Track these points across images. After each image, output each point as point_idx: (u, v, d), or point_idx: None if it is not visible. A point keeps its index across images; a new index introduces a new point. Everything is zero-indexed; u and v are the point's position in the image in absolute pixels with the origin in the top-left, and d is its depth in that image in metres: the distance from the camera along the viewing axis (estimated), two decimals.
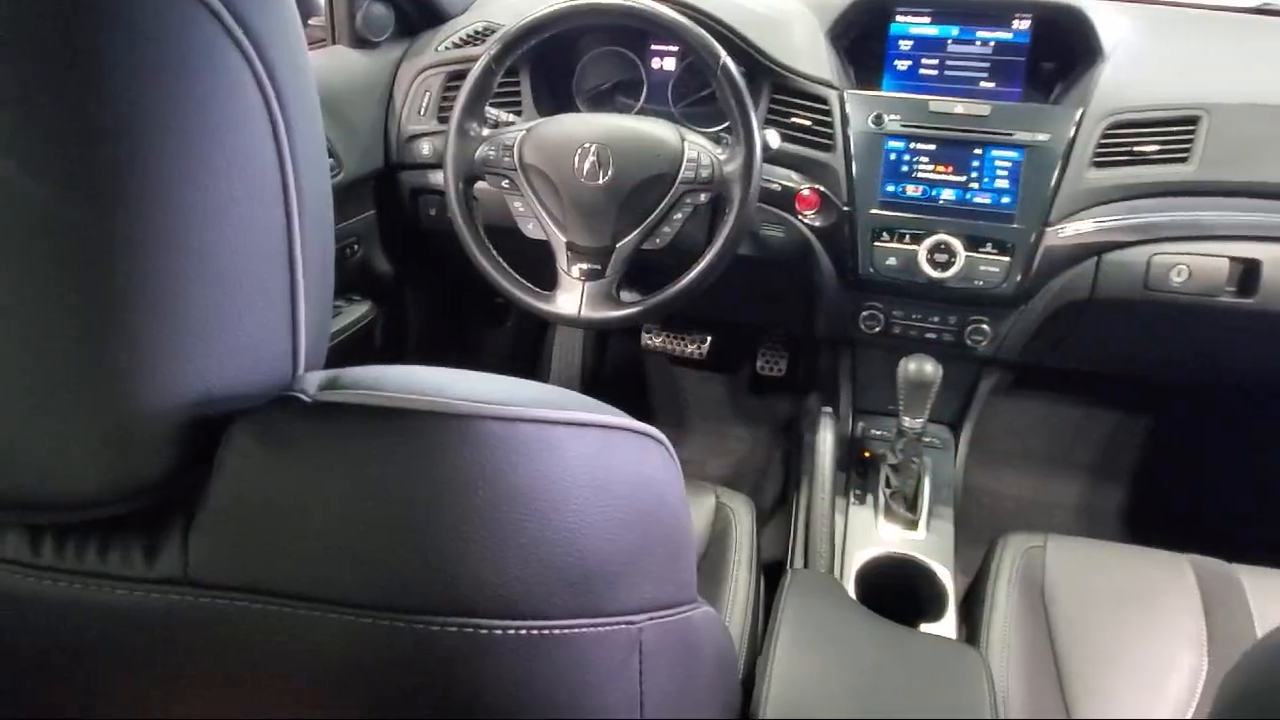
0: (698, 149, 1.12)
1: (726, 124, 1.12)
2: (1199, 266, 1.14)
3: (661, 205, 1.13)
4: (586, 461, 0.39)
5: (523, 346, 1.87)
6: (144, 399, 0.33)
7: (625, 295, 1.18)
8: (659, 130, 1.13)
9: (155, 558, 0.36)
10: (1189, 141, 1.14)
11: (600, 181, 1.12)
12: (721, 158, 1.12)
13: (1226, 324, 1.19)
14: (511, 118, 1.27)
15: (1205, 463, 1.67)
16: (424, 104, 1.37)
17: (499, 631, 0.36)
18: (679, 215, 1.14)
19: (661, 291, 1.14)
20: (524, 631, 0.36)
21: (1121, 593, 1.00)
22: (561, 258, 1.17)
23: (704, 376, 1.88)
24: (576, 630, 0.38)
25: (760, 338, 1.78)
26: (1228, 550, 1.03)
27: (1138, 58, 1.19)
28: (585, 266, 1.17)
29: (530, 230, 1.20)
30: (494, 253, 1.20)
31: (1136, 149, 1.15)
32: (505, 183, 1.18)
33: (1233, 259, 1.14)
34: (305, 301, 0.40)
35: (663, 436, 0.47)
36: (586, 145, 1.12)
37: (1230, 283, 1.15)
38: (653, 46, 1.40)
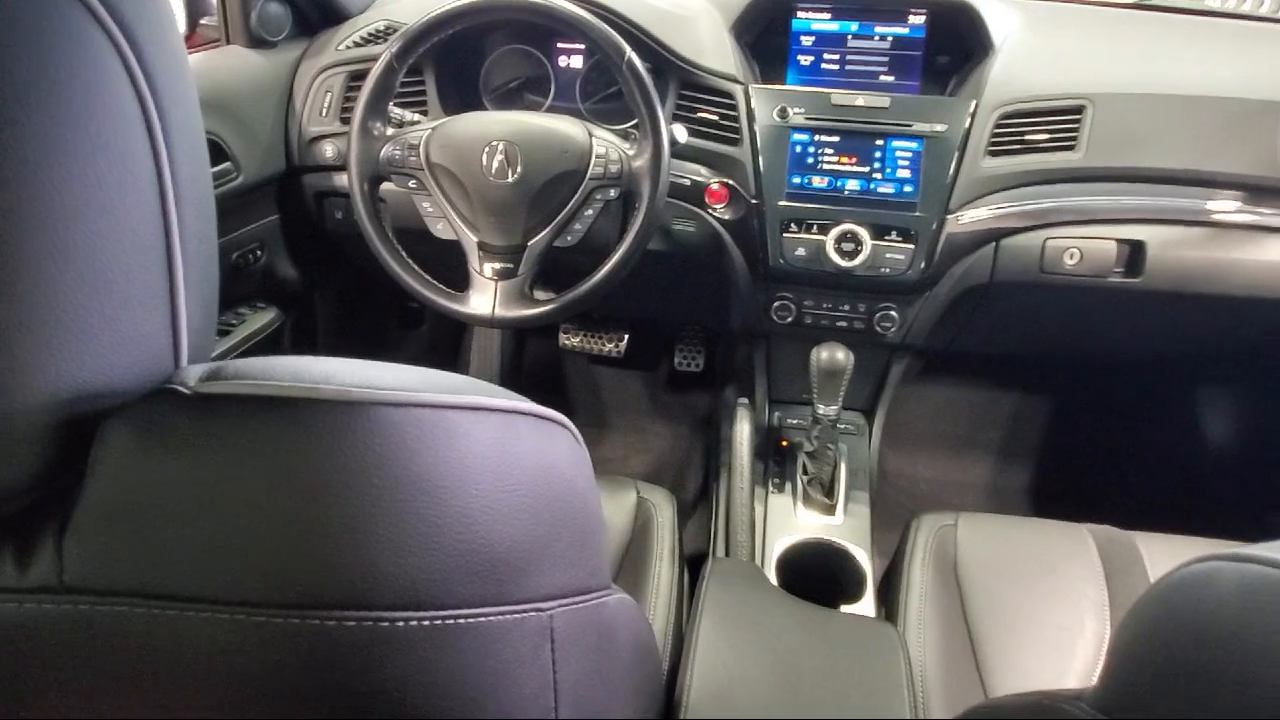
0: (606, 145, 1.12)
1: (635, 120, 1.13)
2: (1089, 249, 1.19)
3: (572, 202, 1.13)
4: (488, 446, 0.38)
5: (439, 350, 1.84)
6: (9, 397, 0.32)
7: (539, 293, 1.17)
8: (567, 127, 1.13)
9: (28, 565, 0.34)
10: (1075, 130, 1.19)
11: (509, 180, 1.11)
12: (630, 153, 1.12)
13: (1116, 303, 1.25)
14: (417, 117, 1.25)
15: (1102, 437, 1.75)
16: (325, 105, 1.33)
17: (400, 623, 0.35)
18: (589, 212, 1.14)
19: (575, 288, 1.14)
20: (427, 622, 0.35)
21: (1028, 565, 1.03)
22: (473, 257, 1.16)
23: (623, 374, 1.89)
24: (484, 619, 0.38)
25: (677, 334, 1.79)
26: (1125, 518, 1.08)
27: (1026, 51, 1.24)
28: (498, 266, 1.15)
29: (440, 231, 1.18)
30: (403, 254, 1.17)
31: (1027, 138, 1.19)
32: (412, 183, 1.16)
33: (1120, 241, 1.19)
34: (187, 295, 0.38)
35: (568, 422, 0.46)
36: (494, 143, 1.11)
37: (1119, 264, 1.20)
38: (559, 44, 1.39)
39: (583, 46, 1.37)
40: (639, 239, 1.11)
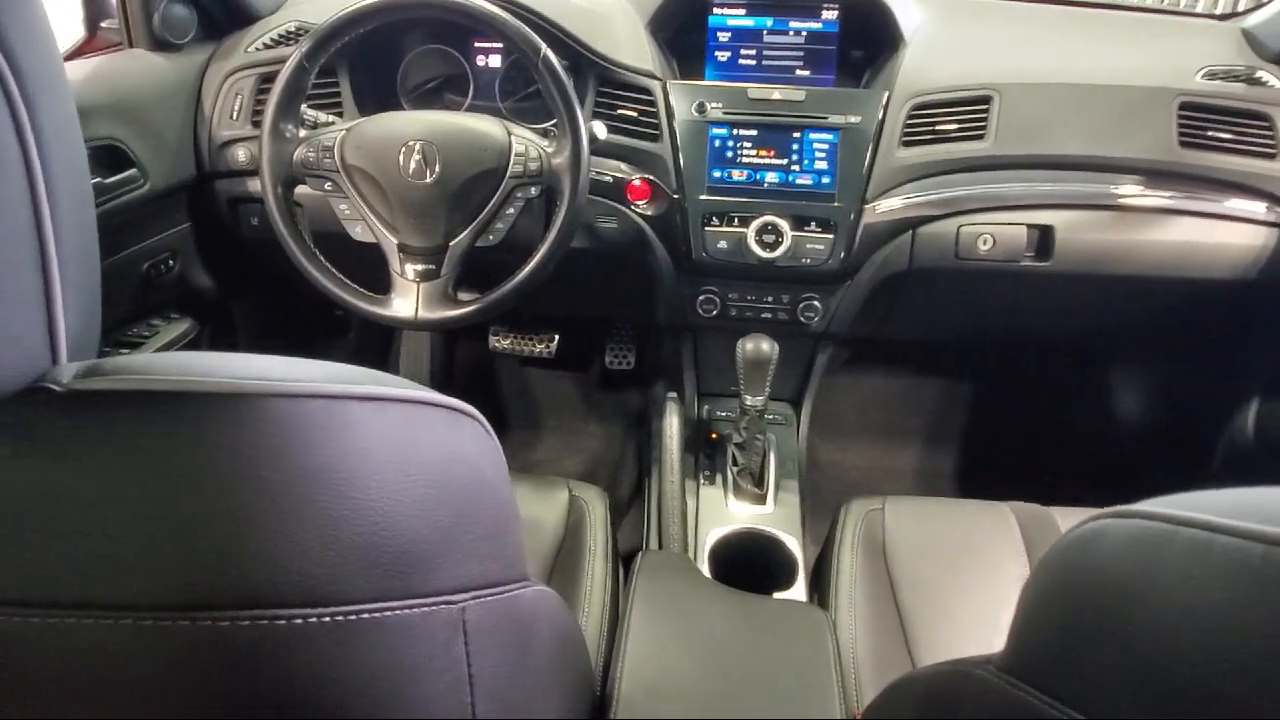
0: (525, 143, 1.11)
1: (555, 119, 1.12)
2: (1002, 235, 1.23)
3: (492, 201, 1.12)
4: (388, 437, 0.38)
5: (367, 356, 1.81)
6: None
7: (463, 294, 1.16)
8: (484, 126, 1.12)
9: None
10: (984, 120, 1.22)
11: (427, 180, 1.09)
12: (549, 151, 1.11)
13: (1029, 286, 1.29)
14: (331, 118, 1.23)
15: (1024, 417, 1.80)
16: (236, 108, 1.30)
17: (299, 621, 0.34)
18: (511, 210, 1.13)
19: (499, 288, 1.13)
20: (328, 619, 0.35)
21: (954, 544, 1.06)
22: (394, 260, 1.14)
23: (555, 375, 1.88)
24: (390, 613, 0.37)
25: (608, 332, 1.79)
26: (1046, 494, 1.11)
27: (935, 43, 1.27)
28: (419, 267, 1.14)
29: (359, 233, 1.16)
30: (321, 259, 1.15)
31: (939, 128, 1.22)
32: (328, 185, 1.14)
33: (1030, 226, 1.23)
34: (65, 293, 0.36)
35: (477, 413, 0.46)
36: (411, 143, 1.10)
37: (1029, 248, 1.24)
38: (477, 43, 1.38)
39: (501, 45, 1.36)
40: (561, 237, 1.11)
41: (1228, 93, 1.22)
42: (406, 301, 1.13)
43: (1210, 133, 1.21)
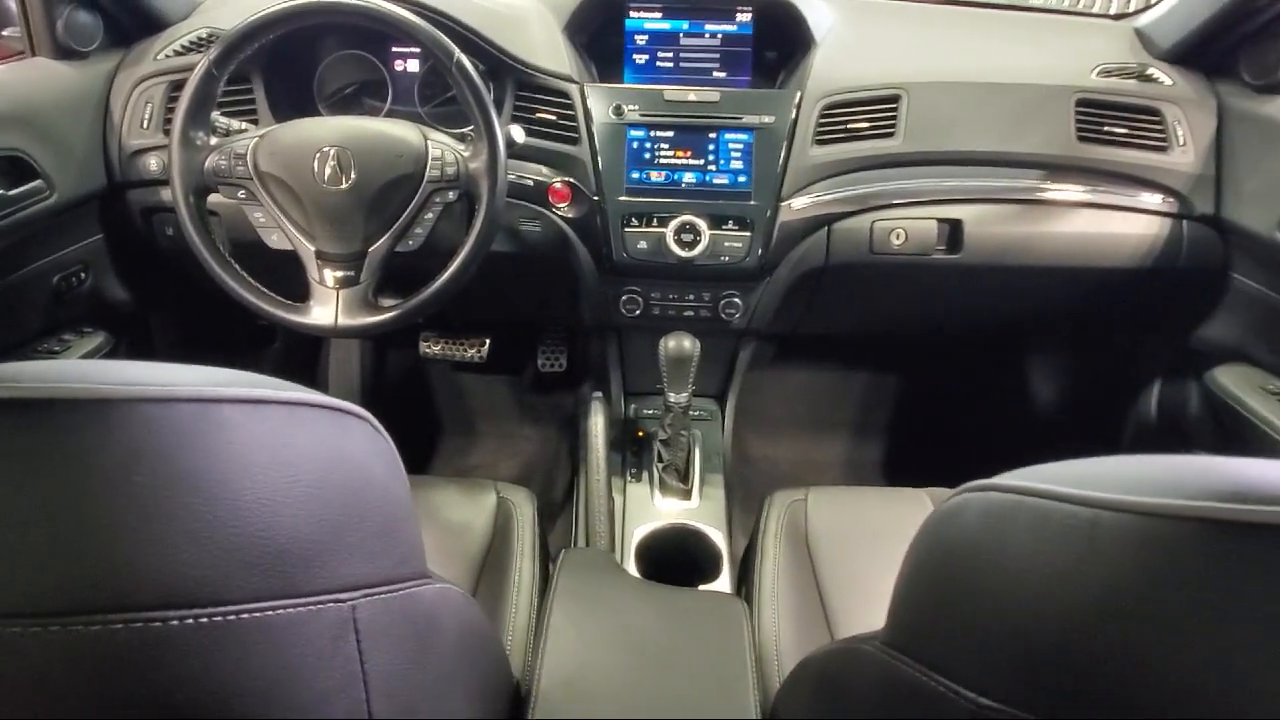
0: (441, 147, 1.11)
1: None
2: (913, 229, 1.27)
3: (410, 206, 1.12)
4: (265, 439, 0.38)
5: (294, 366, 1.79)
6: None
7: (384, 300, 1.16)
8: (400, 131, 1.12)
9: None
10: (894, 118, 1.26)
11: (343, 186, 1.09)
12: (466, 155, 1.12)
13: (942, 278, 1.33)
14: (245, 125, 1.21)
15: (944, 406, 1.85)
16: (146, 116, 1.28)
17: (175, 623, 0.34)
18: (430, 215, 1.13)
19: (420, 293, 1.13)
20: (204, 620, 0.35)
21: (873, 531, 1.09)
22: (312, 267, 1.13)
23: (487, 380, 1.88)
24: (272, 613, 0.37)
25: (539, 335, 1.80)
26: (963, 479, 1.15)
27: (845, 44, 1.31)
28: (339, 274, 1.13)
29: (275, 241, 1.15)
30: (236, 268, 1.13)
31: (850, 126, 1.26)
32: (241, 193, 1.12)
33: (940, 220, 1.27)
34: None
35: (366, 413, 0.46)
36: (326, 149, 1.09)
37: (940, 241, 1.28)
38: (394, 48, 1.38)
39: (418, 50, 1.36)
40: (481, 240, 1.11)
41: (1121, 89, 1.27)
42: (326, 309, 1.13)
43: (1106, 128, 1.26)
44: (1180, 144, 1.26)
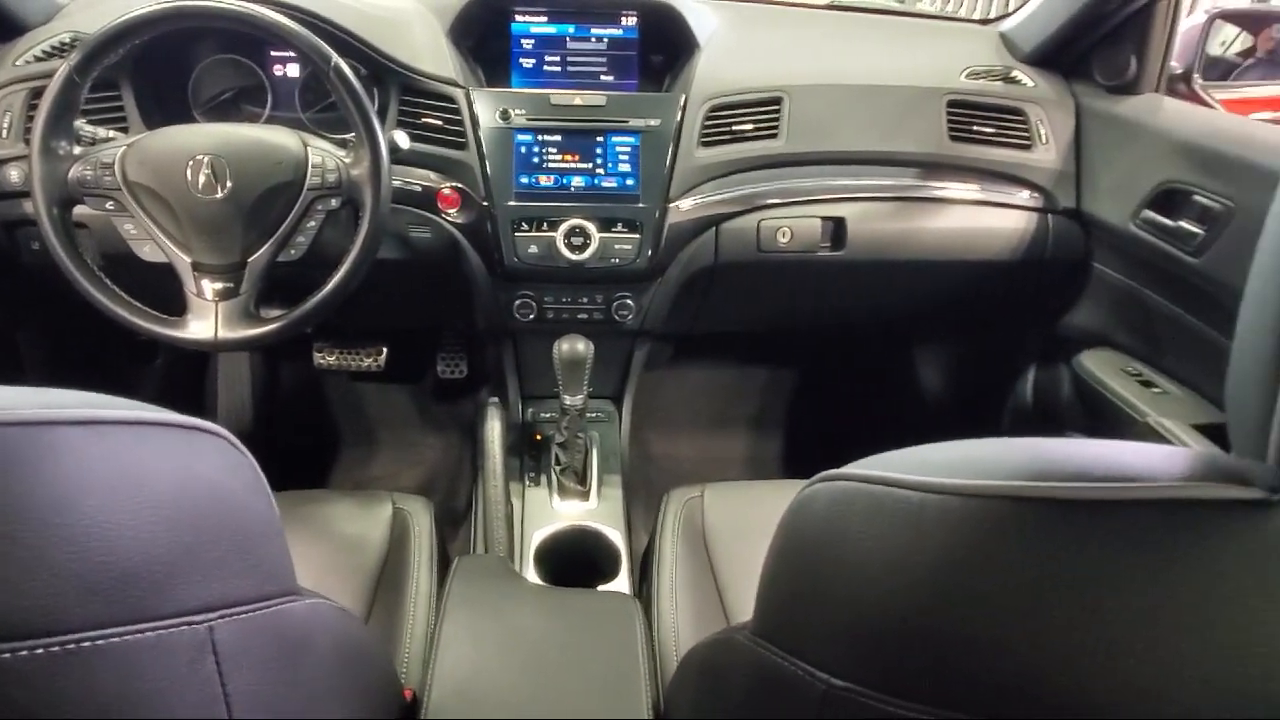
0: (322, 154, 1.09)
1: None
2: (799, 227, 1.30)
3: (291, 215, 1.09)
4: (105, 461, 0.37)
5: (179, 383, 1.72)
6: None
7: (267, 311, 1.13)
8: (278, 137, 1.09)
9: None
10: (777, 119, 1.29)
11: (219, 195, 1.06)
12: (348, 161, 1.10)
13: (828, 275, 1.38)
14: (113, 134, 1.16)
15: (840, 399, 1.91)
16: (6, 125, 1.21)
17: (8, 655, 0.33)
18: (312, 224, 1.11)
19: (304, 303, 1.10)
20: (42, 650, 0.34)
21: (768, 524, 1.10)
22: (189, 279, 1.09)
23: (386, 389, 1.85)
24: (119, 640, 0.36)
25: (439, 342, 1.78)
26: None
27: (728, 48, 1.33)
28: (218, 286, 1.09)
29: (148, 254, 1.11)
30: (107, 282, 1.09)
31: (735, 128, 1.29)
32: (110, 204, 1.08)
33: (824, 218, 1.31)
34: None
35: (220, 430, 0.45)
36: (199, 157, 1.05)
37: (824, 239, 1.32)
38: (272, 52, 1.34)
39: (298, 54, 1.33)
40: (366, 248, 1.09)
41: (988, 90, 1.34)
42: (204, 323, 1.09)
43: (975, 127, 1.32)
44: (1043, 142, 1.33)
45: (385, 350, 1.70)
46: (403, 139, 1.18)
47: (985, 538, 0.34)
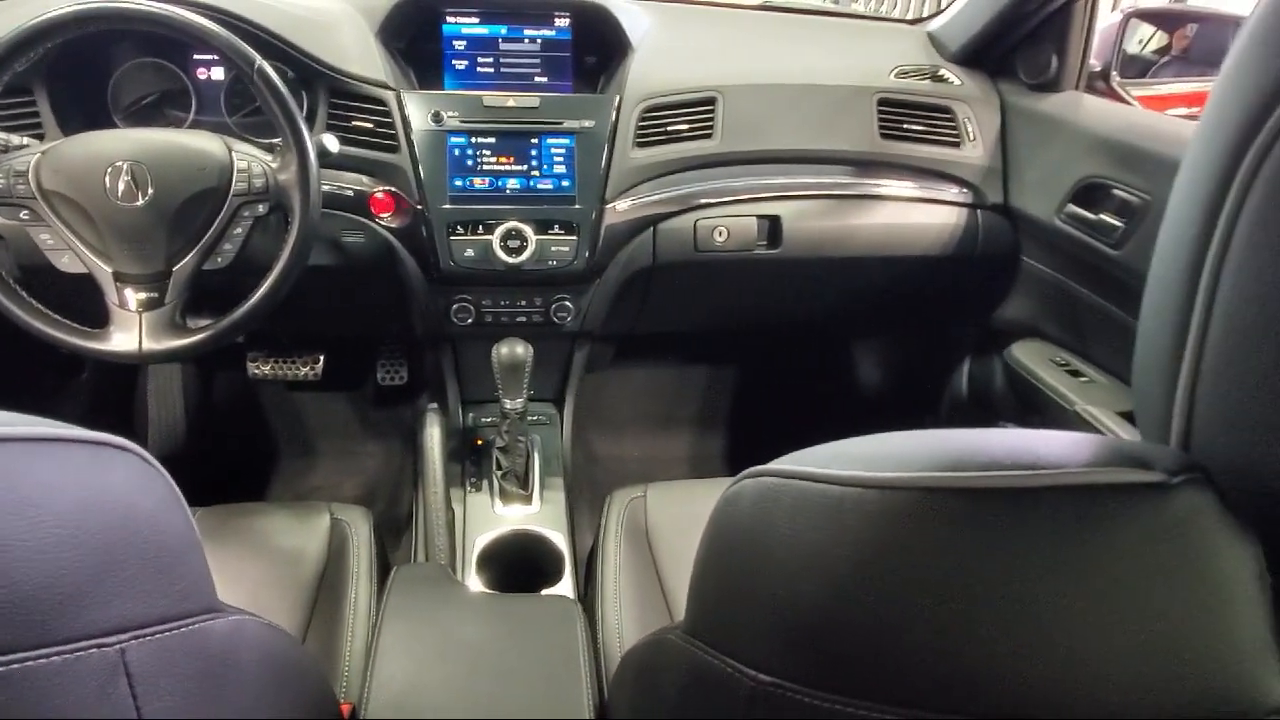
0: (248, 159, 1.07)
1: None
2: (735, 226, 1.31)
3: (217, 222, 1.07)
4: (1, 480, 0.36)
5: (108, 397, 1.67)
6: None
7: (194, 321, 1.10)
8: (201, 142, 1.07)
9: None
10: (711, 120, 1.30)
11: (140, 202, 1.03)
12: (274, 166, 1.08)
13: (765, 272, 1.39)
14: (26, 140, 1.12)
15: (782, 395, 1.93)
16: None
17: None
18: (239, 230, 1.08)
19: (232, 312, 1.08)
20: None
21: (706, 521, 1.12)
22: (110, 290, 1.06)
23: (325, 397, 1.81)
24: (20, 665, 0.35)
25: (378, 349, 1.75)
26: None
27: (662, 49, 1.34)
28: (141, 296, 1.06)
29: (66, 264, 1.07)
30: (22, 294, 1.05)
31: (670, 128, 1.29)
32: (24, 214, 1.04)
33: (759, 217, 1.32)
34: None
35: (132, 445, 0.44)
36: (118, 164, 1.02)
37: (761, 237, 1.33)
38: (195, 55, 1.31)
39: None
40: (296, 254, 1.07)
41: (917, 89, 1.36)
42: (128, 334, 1.06)
43: (905, 125, 1.35)
44: (971, 139, 1.36)
45: (322, 358, 1.67)
46: (332, 142, 1.16)
47: (900, 529, 0.35)
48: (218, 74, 1.31)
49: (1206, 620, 0.32)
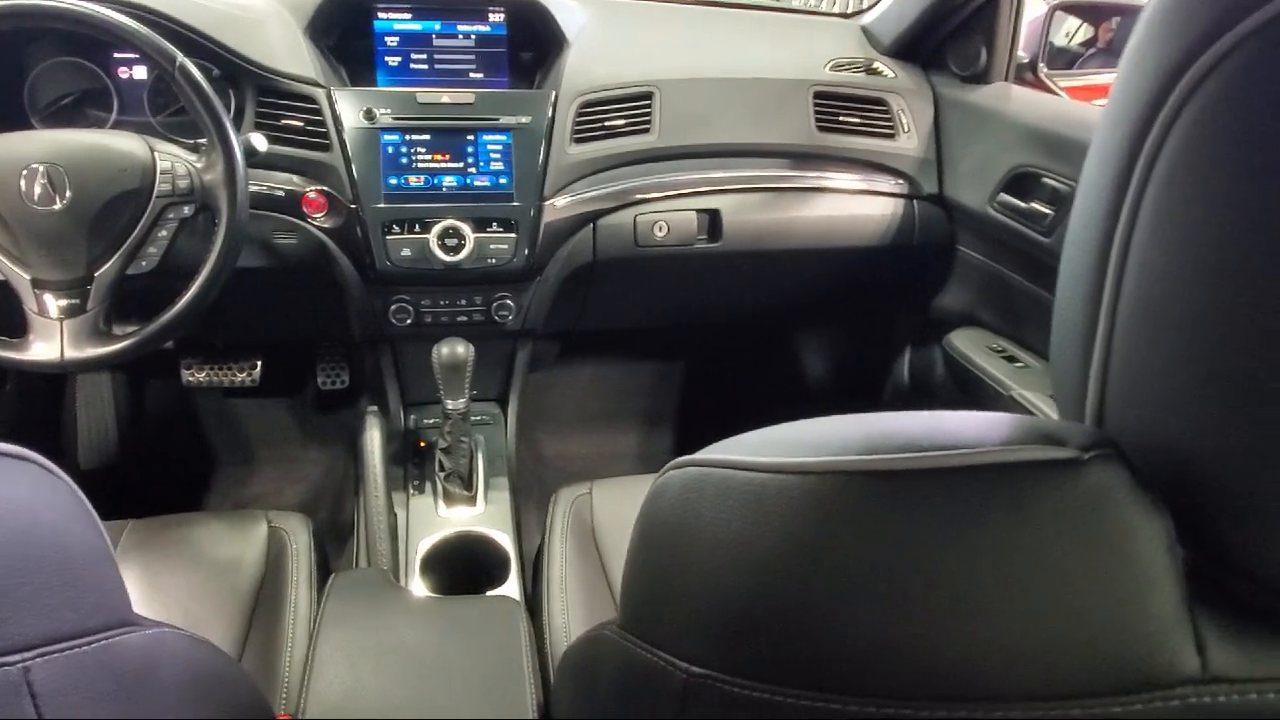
0: (171, 159, 1.04)
1: None
2: (675, 221, 1.31)
3: (140, 225, 1.04)
4: None
5: (33, 409, 1.61)
6: None
7: (119, 328, 1.07)
8: (121, 143, 1.03)
9: None
10: (648, 114, 1.30)
11: (57, 206, 0.99)
12: (199, 166, 1.05)
13: (706, 267, 1.39)
14: None
15: (727, 388, 1.94)
16: None
17: None
18: (164, 233, 1.05)
19: (158, 317, 1.04)
20: None
21: None
22: (29, 297, 1.02)
23: (263, 404, 1.77)
24: None
25: (317, 353, 1.71)
26: None
27: (598, 44, 1.33)
28: (62, 303, 1.03)
29: None
30: None
31: (608, 124, 1.28)
32: None
33: (699, 211, 1.32)
34: None
35: (34, 455, 0.42)
36: (33, 166, 0.99)
37: (701, 231, 1.33)
38: (116, 54, 1.26)
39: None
40: (224, 257, 1.04)
41: (851, 82, 1.38)
42: (49, 343, 1.02)
43: (841, 117, 1.36)
44: (906, 131, 1.38)
45: (260, 364, 1.64)
46: (260, 141, 1.13)
47: (820, 514, 0.35)
48: (140, 73, 1.27)
49: (1120, 592, 0.32)
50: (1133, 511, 0.33)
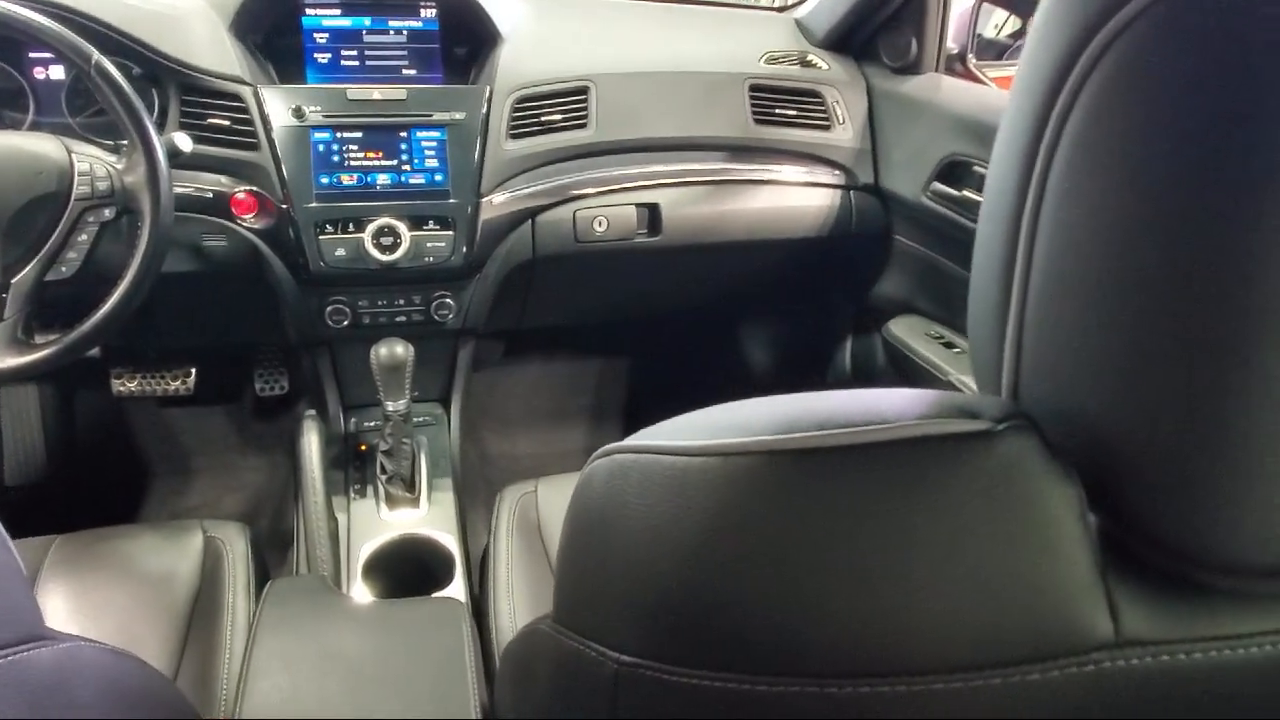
0: (89, 161, 1.01)
1: None
2: (614, 216, 1.31)
3: (59, 229, 1.00)
4: None
5: None
6: None
7: (39, 337, 1.03)
8: (36, 144, 1.00)
9: None
10: (584, 109, 1.29)
11: None
12: (120, 168, 1.02)
13: (647, 261, 1.39)
14: None
15: (670, 383, 1.94)
16: None
17: None
18: (84, 237, 1.02)
19: (80, 325, 1.01)
20: None
21: None
22: None
23: (200, 412, 1.72)
24: None
25: (254, 358, 1.68)
26: None
27: (532, 38, 1.32)
28: None
29: None
30: None
31: (544, 119, 1.27)
32: None
33: (639, 205, 1.32)
34: None
35: None
36: None
37: (641, 225, 1.33)
38: (31, 54, 1.22)
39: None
40: (148, 261, 1.01)
41: (786, 75, 1.39)
42: None
43: (777, 110, 1.37)
44: (841, 122, 1.39)
45: (194, 371, 1.59)
46: (184, 141, 1.10)
47: (741, 496, 0.35)
48: (57, 73, 1.23)
49: (1034, 561, 0.33)
50: (1045, 481, 0.33)
